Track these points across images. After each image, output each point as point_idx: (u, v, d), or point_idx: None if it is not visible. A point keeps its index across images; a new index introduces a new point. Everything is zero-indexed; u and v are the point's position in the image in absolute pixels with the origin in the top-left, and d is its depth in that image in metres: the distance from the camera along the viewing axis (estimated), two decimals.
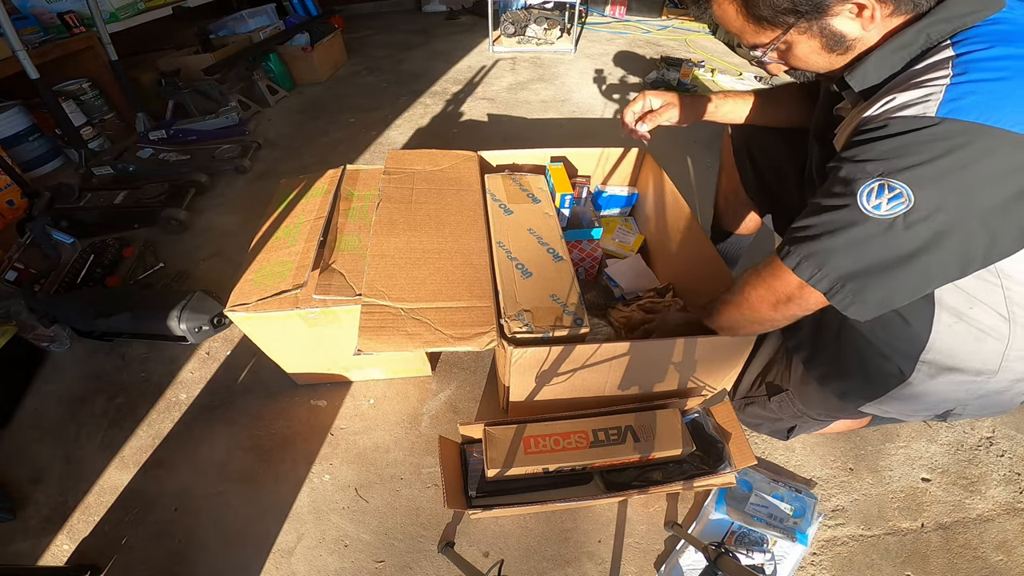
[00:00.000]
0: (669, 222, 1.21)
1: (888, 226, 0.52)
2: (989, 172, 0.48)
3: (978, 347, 0.64)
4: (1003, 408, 0.73)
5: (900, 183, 0.50)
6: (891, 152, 0.51)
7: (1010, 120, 0.46)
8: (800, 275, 0.60)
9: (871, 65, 0.58)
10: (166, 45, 2.70)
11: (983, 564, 0.89)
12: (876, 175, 0.52)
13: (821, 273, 0.58)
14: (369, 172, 1.24)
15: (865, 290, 0.57)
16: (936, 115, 0.48)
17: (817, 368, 0.81)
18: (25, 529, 0.96)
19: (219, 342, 1.29)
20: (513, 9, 3.39)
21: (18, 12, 1.93)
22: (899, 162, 0.51)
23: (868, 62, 0.58)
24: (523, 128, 2.28)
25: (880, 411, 0.77)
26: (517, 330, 0.84)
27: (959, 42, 0.52)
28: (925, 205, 0.50)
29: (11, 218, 1.69)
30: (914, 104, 0.50)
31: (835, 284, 0.58)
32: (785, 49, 0.64)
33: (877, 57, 0.57)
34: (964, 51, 0.50)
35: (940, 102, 0.48)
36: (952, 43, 0.52)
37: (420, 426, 1.10)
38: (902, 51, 0.55)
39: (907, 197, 0.50)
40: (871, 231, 0.53)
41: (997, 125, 0.47)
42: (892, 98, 0.53)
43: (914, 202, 0.50)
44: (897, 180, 0.51)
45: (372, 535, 0.93)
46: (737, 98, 0.99)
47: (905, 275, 0.55)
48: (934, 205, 0.50)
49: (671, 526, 0.91)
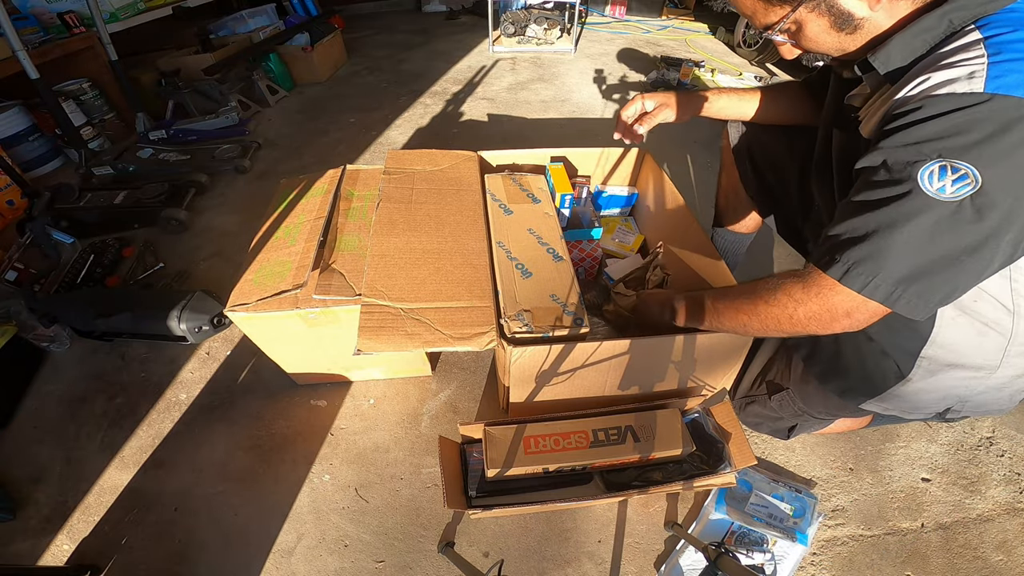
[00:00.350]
0: (669, 222, 1.21)
1: (955, 210, 0.49)
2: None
3: (980, 341, 0.64)
4: (1002, 406, 0.73)
5: (964, 163, 0.48)
6: (947, 131, 0.49)
7: None
8: (850, 285, 0.55)
9: (895, 47, 0.57)
10: (166, 45, 2.70)
11: (983, 564, 0.89)
12: (935, 156, 0.49)
13: (877, 280, 0.53)
14: (369, 172, 1.24)
15: (931, 289, 0.52)
16: (985, 91, 0.47)
17: (817, 366, 0.81)
18: (25, 529, 0.96)
19: (219, 342, 1.29)
20: (513, 9, 3.39)
21: (18, 12, 1.93)
22: (959, 140, 0.48)
23: (891, 44, 0.57)
24: (523, 128, 2.28)
25: (880, 409, 0.77)
26: (517, 330, 0.84)
27: (984, 26, 0.51)
28: (993, 185, 0.47)
29: (11, 218, 1.69)
30: (956, 81, 0.49)
31: (895, 288, 0.53)
32: (796, 30, 0.63)
33: (900, 40, 0.56)
34: (992, 34, 0.50)
35: (985, 79, 0.47)
36: (977, 27, 0.52)
37: (420, 426, 1.10)
38: (925, 35, 0.55)
39: (973, 178, 0.47)
40: (938, 216, 0.49)
41: None
42: (927, 78, 0.51)
43: (981, 182, 0.47)
44: (961, 160, 0.48)
45: (372, 535, 0.93)
46: (733, 94, 0.99)
47: (973, 264, 0.51)
48: (1002, 184, 0.48)
49: (671, 526, 0.91)
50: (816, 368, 0.81)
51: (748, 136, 1.04)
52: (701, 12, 3.67)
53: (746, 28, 2.92)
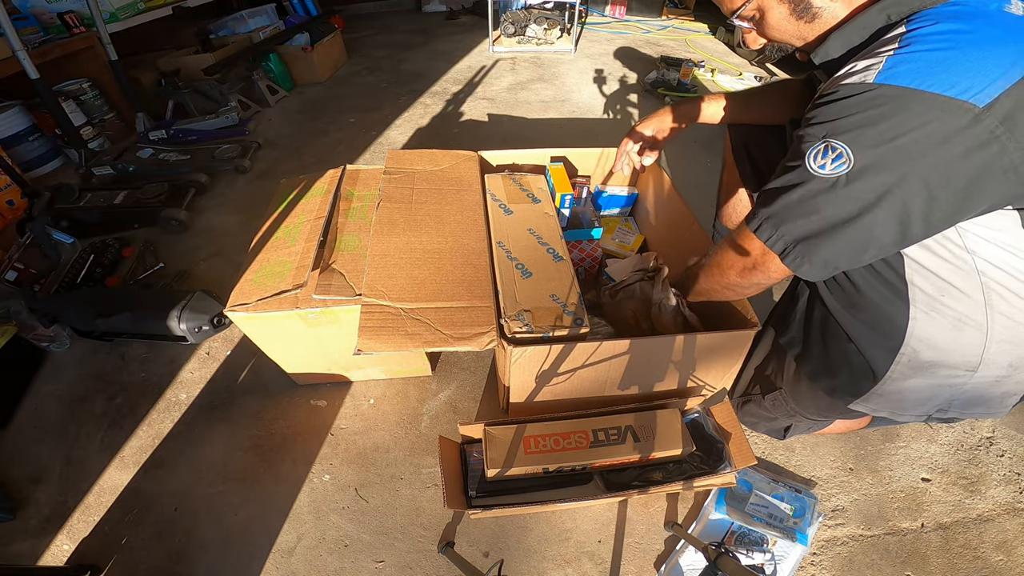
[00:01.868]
0: (669, 222, 1.21)
1: (831, 184, 0.55)
2: (924, 134, 0.50)
3: (956, 337, 0.64)
4: (994, 409, 0.72)
5: (841, 143, 0.54)
6: (832, 115, 0.55)
7: (943, 84, 0.49)
8: (760, 237, 0.63)
9: (834, 40, 0.63)
10: (166, 45, 2.70)
11: (983, 564, 0.89)
12: (820, 137, 0.56)
13: (777, 234, 0.61)
14: (369, 172, 1.24)
15: (814, 250, 0.60)
16: (874, 82, 0.52)
17: (807, 364, 0.81)
18: (25, 529, 0.96)
19: (219, 342, 1.29)
20: (513, 9, 3.39)
21: (18, 12, 1.93)
22: (839, 124, 0.55)
23: (831, 38, 0.63)
24: (523, 128, 2.28)
25: (868, 409, 0.77)
26: (517, 330, 0.84)
27: (912, 20, 0.55)
28: (864, 164, 0.53)
29: (11, 218, 1.69)
30: (857, 72, 0.55)
31: (789, 245, 0.61)
32: (759, 17, 0.68)
33: (839, 33, 0.62)
34: (913, 27, 0.53)
35: (879, 70, 0.52)
36: (906, 21, 0.55)
37: (420, 426, 1.10)
38: (862, 29, 0.60)
39: (847, 157, 0.54)
40: (816, 189, 0.57)
41: (930, 90, 0.49)
42: (847, 69, 0.57)
43: (854, 162, 0.53)
44: (838, 141, 0.54)
45: (372, 535, 0.93)
46: (722, 99, 1.02)
47: (849, 233, 0.57)
48: (872, 164, 0.53)
49: (671, 526, 0.91)
50: (807, 367, 0.81)
51: (746, 134, 1.05)
52: (701, 12, 3.67)
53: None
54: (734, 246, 0.71)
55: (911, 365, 0.68)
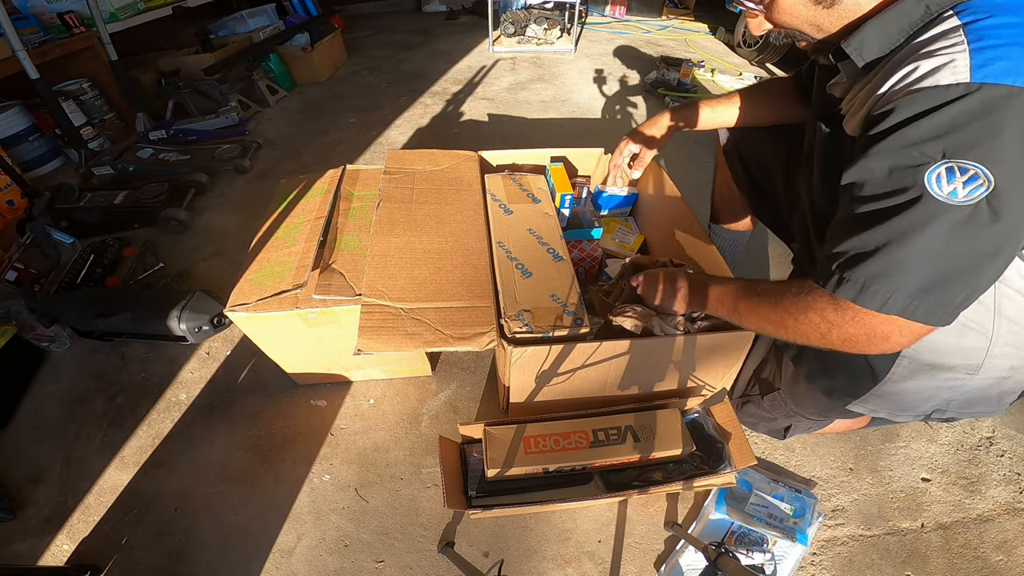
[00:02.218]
0: (669, 222, 1.21)
1: (972, 214, 0.46)
2: None
3: (959, 341, 0.63)
4: (991, 409, 0.72)
5: (972, 163, 0.45)
6: (944, 128, 0.46)
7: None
8: (866, 305, 0.52)
9: (869, 33, 0.54)
10: (166, 45, 2.70)
11: (983, 564, 0.89)
12: (939, 157, 0.46)
13: (896, 296, 0.50)
14: (369, 172, 1.24)
15: (949, 296, 0.49)
16: (972, 81, 0.44)
17: (805, 365, 0.81)
18: (25, 529, 0.96)
19: (219, 342, 1.29)
20: (513, 9, 3.39)
21: (18, 12, 1.93)
22: (959, 138, 0.45)
23: (865, 30, 0.54)
24: (523, 128, 2.28)
25: (866, 410, 0.77)
26: (517, 330, 0.84)
27: (961, 12, 0.49)
28: (1006, 183, 0.44)
29: (11, 218, 1.69)
30: (937, 71, 0.46)
31: (912, 300, 0.50)
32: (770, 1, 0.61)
33: (875, 25, 0.54)
34: (970, 20, 0.48)
35: (970, 68, 0.45)
36: (955, 12, 0.49)
37: (420, 426, 1.10)
38: (901, 20, 0.52)
39: (985, 178, 0.45)
40: (952, 222, 0.46)
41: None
42: (909, 69, 0.49)
43: (995, 182, 0.44)
44: (968, 160, 0.45)
45: (372, 535, 0.93)
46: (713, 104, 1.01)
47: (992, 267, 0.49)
48: (1014, 181, 0.45)
49: (671, 526, 0.91)
50: (804, 368, 0.81)
51: (736, 135, 1.06)
52: (701, 12, 3.67)
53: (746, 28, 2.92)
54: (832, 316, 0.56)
55: (911, 367, 0.68)
